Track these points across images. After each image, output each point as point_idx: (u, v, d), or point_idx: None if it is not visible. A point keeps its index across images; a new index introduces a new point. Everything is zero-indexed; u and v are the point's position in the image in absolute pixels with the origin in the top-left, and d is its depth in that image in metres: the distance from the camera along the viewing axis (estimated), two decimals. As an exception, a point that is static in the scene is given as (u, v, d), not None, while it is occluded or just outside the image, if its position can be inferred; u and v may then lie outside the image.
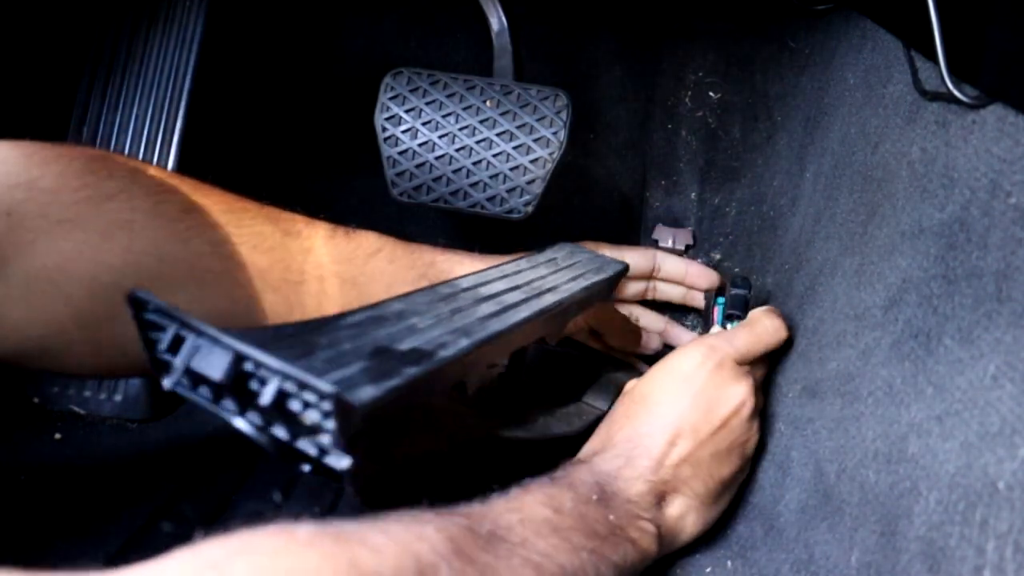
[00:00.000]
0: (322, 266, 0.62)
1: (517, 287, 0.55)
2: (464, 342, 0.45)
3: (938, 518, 0.42)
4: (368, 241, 0.65)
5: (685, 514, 0.56)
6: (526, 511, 0.45)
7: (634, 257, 0.77)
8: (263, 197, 0.63)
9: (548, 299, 0.54)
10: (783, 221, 0.77)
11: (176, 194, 0.57)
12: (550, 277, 0.58)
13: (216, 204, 0.58)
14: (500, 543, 0.41)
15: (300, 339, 0.40)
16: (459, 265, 0.67)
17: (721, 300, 0.70)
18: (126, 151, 0.76)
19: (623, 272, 0.62)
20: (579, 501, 0.48)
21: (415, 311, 0.48)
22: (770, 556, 0.56)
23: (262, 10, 0.88)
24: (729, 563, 0.57)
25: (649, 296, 0.82)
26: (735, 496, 0.62)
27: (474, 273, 0.56)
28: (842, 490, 0.51)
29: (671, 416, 0.55)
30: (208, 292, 0.56)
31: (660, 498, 0.54)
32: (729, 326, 0.66)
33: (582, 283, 0.57)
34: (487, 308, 0.51)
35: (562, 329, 0.56)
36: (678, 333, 0.80)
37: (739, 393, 0.57)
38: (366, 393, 0.36)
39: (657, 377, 0.58)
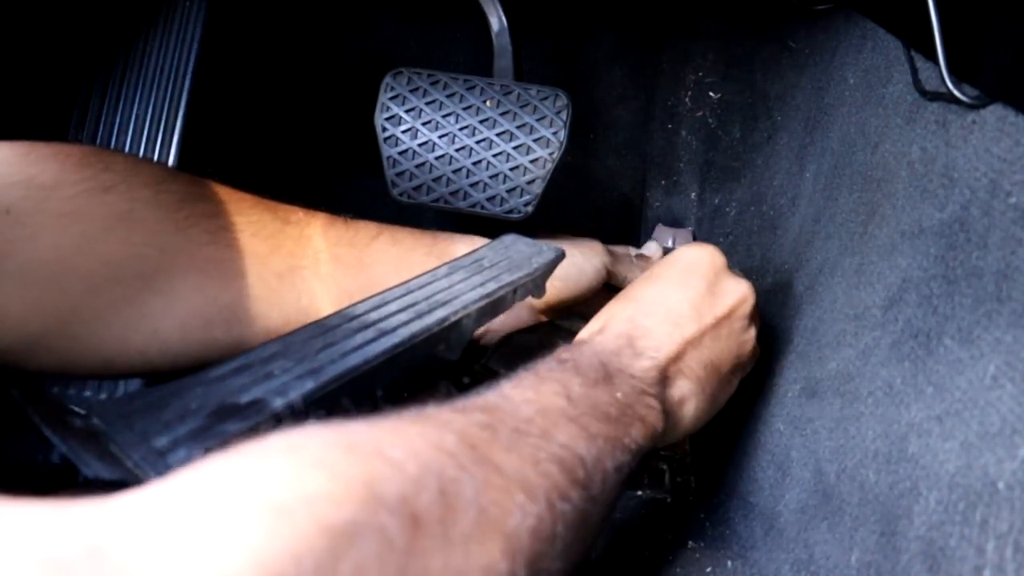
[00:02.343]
0: (324, 250, 0.62)
1: (412, 305, 0.54)
2: (308, 384, 0.46)
3: (938, 518, 0.42)
4: (367, 227, 0.65)
5: (686, 399, 0.54)
6: (542, 401, 0.43)
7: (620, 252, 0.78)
8: (263, 196, 0.63)
9: (436, 315, 0.53)
10: (783, 221, 0.77)
11: (174, 184, 0.56)
12: (459, 285, 0.56)
13: (215, 194, 0.58)
14: (522, 439, 0.39)
15: (156, 403, 0.45)
16: (459, 242, 0.67)
17: None
18: (126, 151, 0.76)
19: (556, 260, 0.61)
20: (587, 384, 0.46)
21: (285, 352, 0.49)
22: (770, 556, 0.56)
23: (262, 10, 0.88)
24: (729, 563, 0.57)
25: None
26: (735, 496, 0.62)
27: (379, 294, 0.55)
28: (842, 490, 0.51)
29: (676, 298, 0.55)
30: (210, 281, 0.56)
31: (663, 376, 0.52)
32: None
33: (491, 287, 0.56)
34: (361, 338, 0.50)
35: (462, 340, 0.55)
36: None
37: (741, 287, 0.58)
38: (174, 457, 0.41)
39: (662, 265, 0.59)
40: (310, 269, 0.61)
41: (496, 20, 0.75)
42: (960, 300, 0.46)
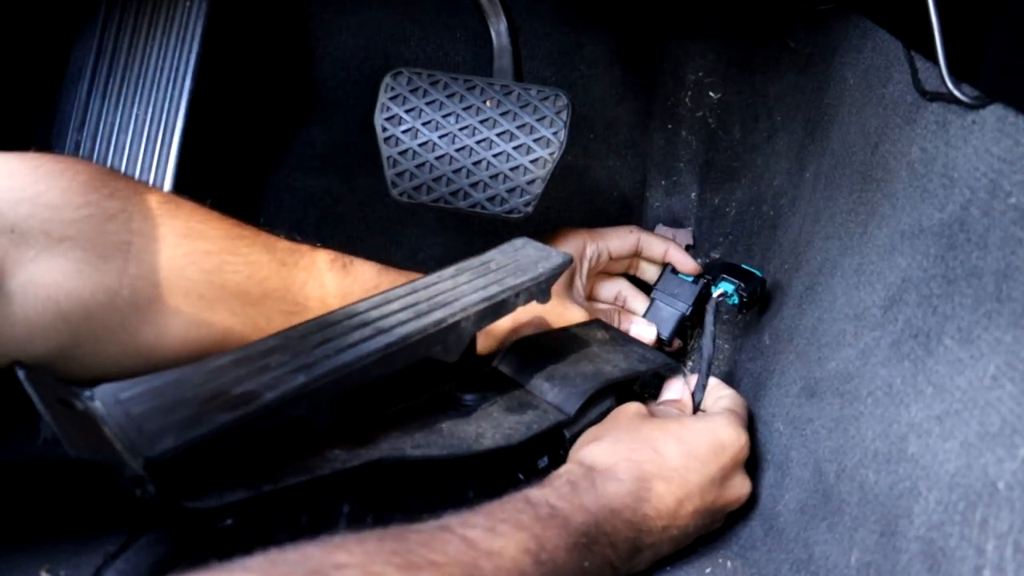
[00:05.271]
0: (315, 299, 0.62)
1: (413, 305, 0.54)
2: (300, 379, 0.47)
3: (938, 518, 0.42)
4: (365, 276, 0.64)
5: (646, 559, 0.55)
6: (505, 555, 0.43)
7: (616, 238, 0.79)
8: (262, 196, 0.63)
9: (433, 316, 0.53)
10: (783, 221, 0.77)
11: (175, 219, 0.57)
12: (463, 287, 0.57)
13: (214, 230, 0.58)
14: None
15: (155, 390, 0.46)
16: None
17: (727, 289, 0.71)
18: (126, 151, 0.76)
19: (564, 266, 0.61)
20: (562, 546, 0.46)
21: (283, 347, 0.50)
22: (770, 556, 0.56)
23: (262, 10, 0.88)
24: (729, 563, 0.57)
25: (631, 273, 0.84)
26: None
27: (381, 293, 0.55)
28: (842, 490, 0.51)
29: (694, 477, 0.55)
30: (201, 320, 0.57)
31: (637, 551, 0.53)
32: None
33: (493, 290, 0.56)
34: (358, 335, 0.51)
35: (460, 342, 0.55)
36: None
37: (745, 488, 0.59)
38: (162, 444, 0.42)
39: (694, 428, 0.58)
40: (300, 316, 0.61)
41: (496, 20, 0.75)
42: (960, 300, 0.46)
